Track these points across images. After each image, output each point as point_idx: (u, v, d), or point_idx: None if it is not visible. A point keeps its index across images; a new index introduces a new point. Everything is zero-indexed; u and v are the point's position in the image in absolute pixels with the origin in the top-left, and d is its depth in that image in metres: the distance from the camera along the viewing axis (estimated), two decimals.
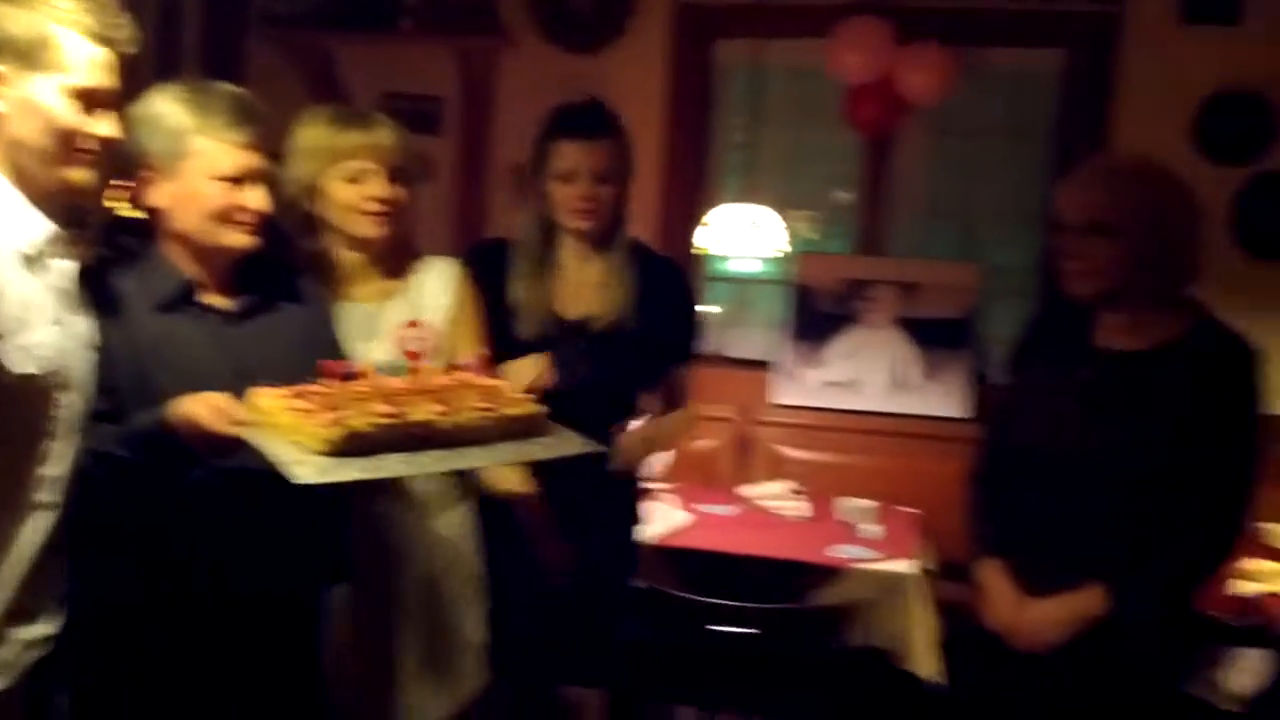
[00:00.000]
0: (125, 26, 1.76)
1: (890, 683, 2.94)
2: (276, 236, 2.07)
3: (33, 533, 1.75)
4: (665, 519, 3.24)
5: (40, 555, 1.76)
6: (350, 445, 1.73)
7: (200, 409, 1.76)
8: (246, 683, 1.97)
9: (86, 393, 1.81)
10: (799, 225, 4.29)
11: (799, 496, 3.61)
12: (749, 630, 2.79)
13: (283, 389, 1.81)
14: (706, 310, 4.42)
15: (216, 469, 1.83)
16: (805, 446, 4.14)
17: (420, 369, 1.95)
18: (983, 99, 4.22)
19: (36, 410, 1.74)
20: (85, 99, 1.72)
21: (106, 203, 2.03)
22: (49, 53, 1.68)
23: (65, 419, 1.78)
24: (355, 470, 1.72)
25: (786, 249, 4.07)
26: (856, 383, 4.20)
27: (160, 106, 1.91)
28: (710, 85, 4.34)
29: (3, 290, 1.66)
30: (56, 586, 1.81)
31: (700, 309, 2.76)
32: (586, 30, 4.29)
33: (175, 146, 1.89)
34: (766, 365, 4.30)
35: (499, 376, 2.05)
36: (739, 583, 2.95)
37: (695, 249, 3.97)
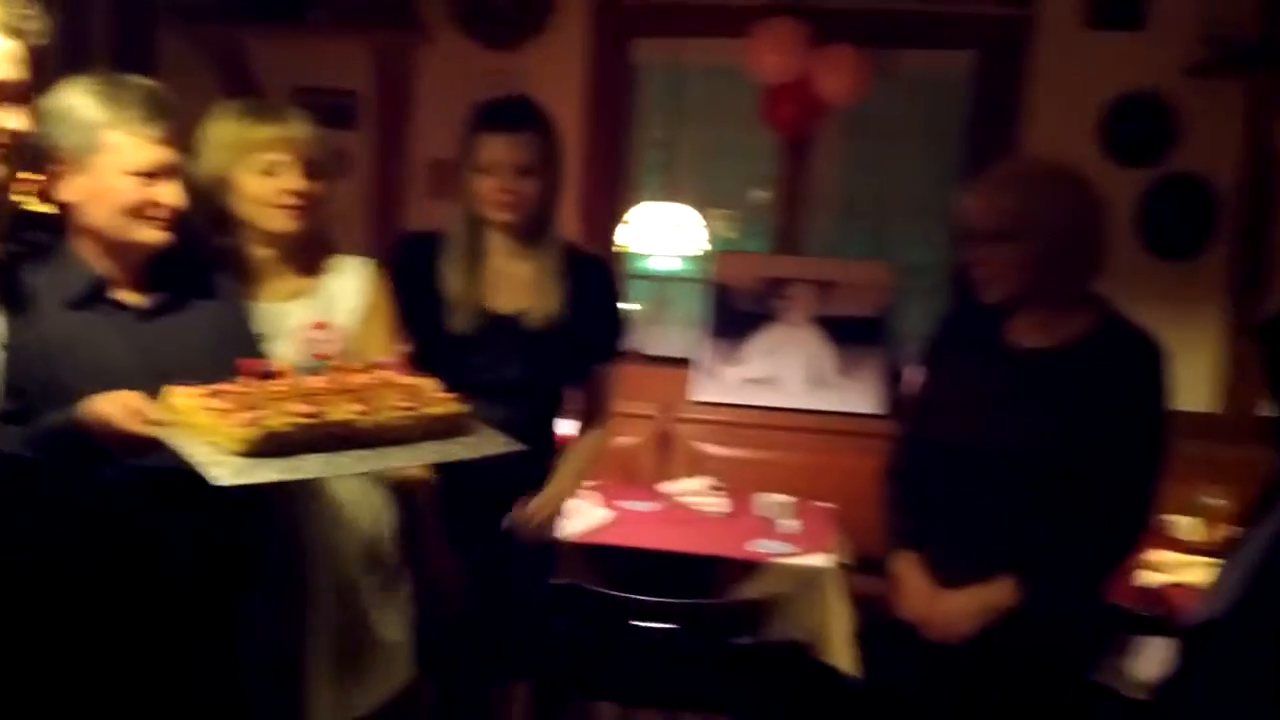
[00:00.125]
0: (35, 18, 1.72)
1: (808, 675, 2.98)
2: (191, 232, 2.04)
3: None
4: (586, 516, 3.24)
5: None
6: (268, 446, 1.71)
7: (113, 409, 1.73)
8: (161, 686, 1.93)
9: None
10: (718, 224, 4.33)
11: (718, 493, 3.63)
12: (669, 625, 2.80)
13: (198, 388, 1.78)
14: (628, 308, 4.44)
15: (130, 469, 1.79)
16: (725, 443, 4.18)
17: (341, 368, 1.93)
18: (896, 100, 4.28)
19: None
20: None
21: (15, 197, 1.98)
22: None
23: None
24: (273, 471, 1.70)
25: (706, 247, 4.10)
26: (775, 380, 4.24)
27: (71, 100, 1.87)
28: (629, 83, 4.35)
29: None
30: None
31: (625, 307, 2.75)
32: (505, 26, 4.27)
33: (87, 140, 1.85)
34: (686, 363, 4.33)
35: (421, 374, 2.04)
36: (660, 578, 2.97)
37: (616, 247, 3.98)
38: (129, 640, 1.89)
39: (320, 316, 2.20)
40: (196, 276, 2.03)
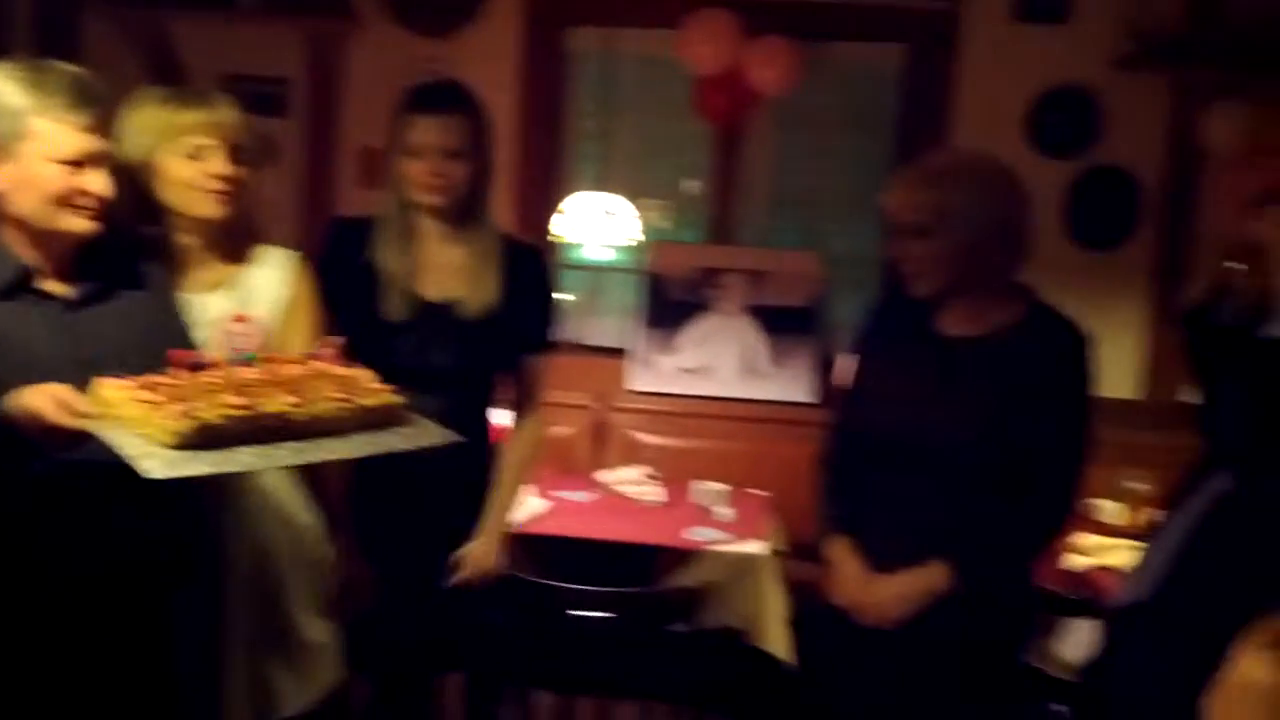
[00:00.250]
0: None
1: (744, 661, 3.01)
2: (119, 221, 2.00)
3: None
4: (522, 506, 3.24)
5: None
6: (201, 438, 1.69)
7: (41, 401, 1.70)
8: (91, 681, 1.91)
9: None
10: (652, 214, 4.34)
11: (654, 481, 3.65)
12: (606, 614, 2.81)
13: (129, 380, 1.75)
14: (563, 298, 4.43)
15: (60, 463, 1.76)
16: (660, 432, 4.19)
17: (275, 359, 1.91)
18: (828, 92, 4.32)
19: None
20: None
21: None
22: None
23: None
24: (206, 464, 1.68)
25: (640, 238, 4.11)
26: (709, 369, 4.27)
27: None
28: (563, 73, 4.35)
29: None
30: None
31: (559, 297, 2.74)
32: (437, 14, 4.24)
33: (12, 128, 1.81)
34: (622, 353, 4.34)
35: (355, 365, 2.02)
36: (596, 567, 2.97)
37: (551, 237, 3.98)
38: (60, 635, 1.86)
39: (240, 308, 2.16)
40: (125, 266, 1.99)
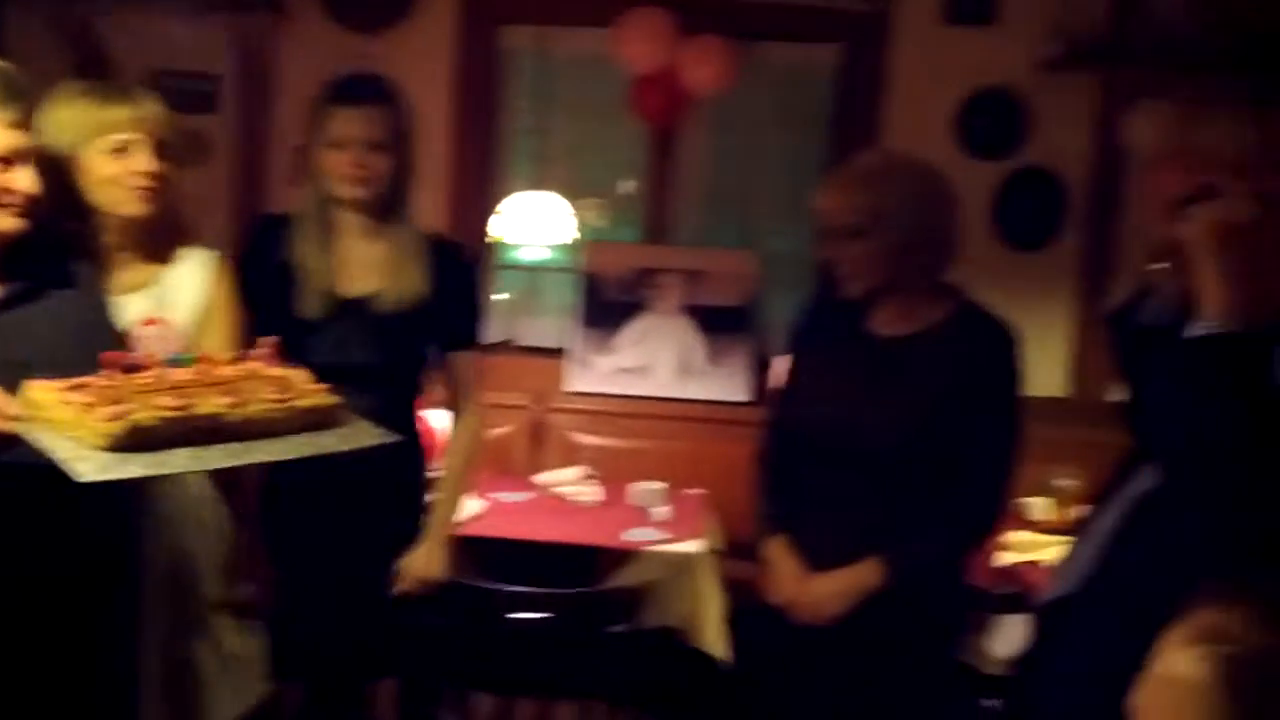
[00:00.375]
0: None
1: (682, 661, 3.02)
2: (46, 219, 1.97)
3: None
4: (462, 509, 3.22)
5: None
6: (133, 440, 1.66)
7: None
8: (18, 687, 1.87)
9: None
10: (588, 213, 4.35)
11: (592, 482, 3.65)
12: (544, 615, 2.81)
13: (59, 381, 1.72)
14: (499, 298, 4.43)
15: None
16: (597, 432, 4.19)
17: (208, 359, 1.89)
18: (762, 92, 4.34)
19: None
20: None
21: None
22: None
23: None
24: (139, 466, 1.66)
25: (576, 237, 4.11)
26: (646, 369, 4.28)
27: None
28: (498, 71, 4.33)
29: None
30: None
31: (485, 291, 2.72)
32: (370, 10, 4.21)
33: None
34: (559, 353, 4.33)
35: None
36: (534, 569, 2.97)
37: (487, 236, 3.97)
38: None
39: (158, 310, 2.13)
40: (53, 264, 1.96)
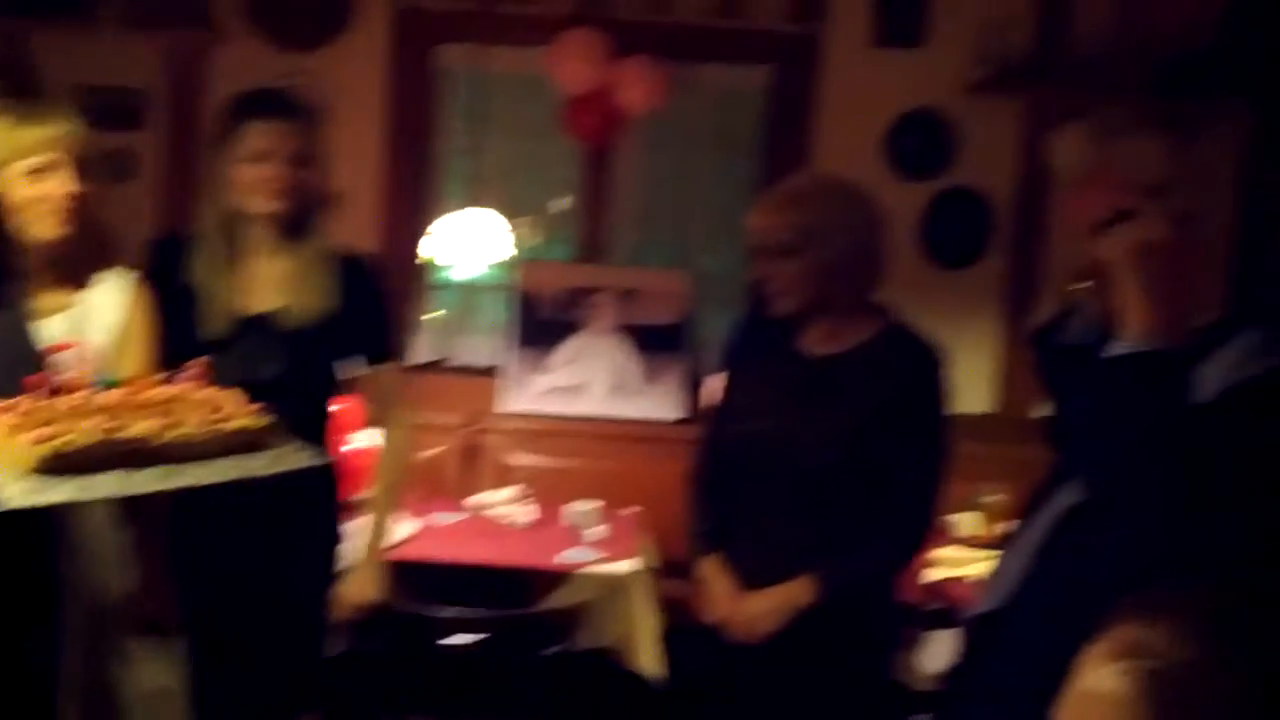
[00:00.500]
0: None
1: (617, 681, 3.02)
2: None
3: None
4: (392, 531, 3.19)
5: None
6: (61, 464, 1.64)
7: None
8: None
9: None
10: (522, 232, 4.34)
11: (526, 502, 3.63)
12: (479, 638, 2.79)
13: None
14: (432, 317, 4.40)
15: None
16: (531, 452, 4.18)
17: (138, 381, 1.87)
18: (695, 112, 4.37)
19: None
20: None
21: None
22: None
23: None
24: (67, 491, 1.64)
25: (510, 256, 4.10)
26: (580, 388, 4.28)
27: None
28: (432, 90, 4.32)
29: None
30: None
31: (399, 305, 2.66)
32: (302, 27, 4.17)
33: None
34: (492, 372, 4.31)
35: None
36: (468, 591, 2.96)
37: (420, 256, 3.95)
38: None
39: (76, 332, 2.09)
40: None
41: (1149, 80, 3.82)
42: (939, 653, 2.81)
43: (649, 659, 3.00)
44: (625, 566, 3.11)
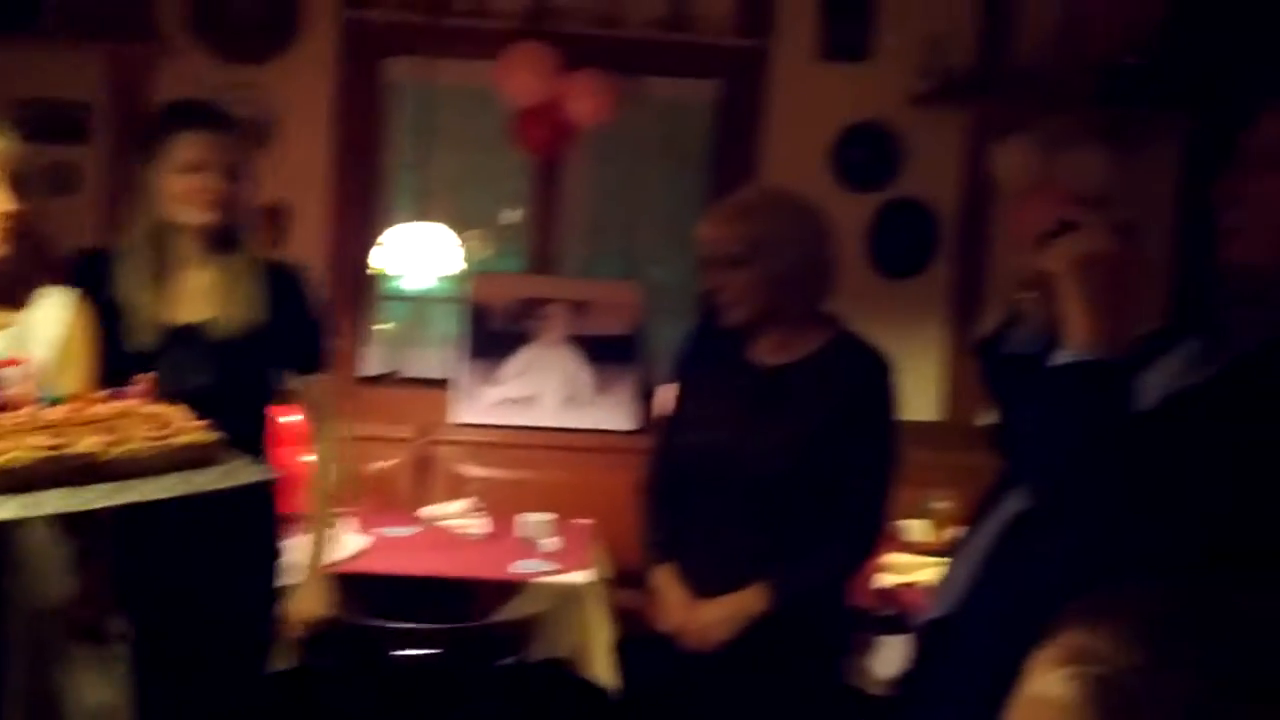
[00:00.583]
0: None
1: (571, 692, 3.02)
2: None
3: None
4: (341, 544, 3.17)
5: None
6: (6, 480, 1.62)
7: None
8: None
9: None
10: (472, 244, 4.33)
11: (479, 514, 3.62)
12: (432, 651, 2.78)
13: None
14: (383, 329, 4.38)
15: None
16: (484, 464, 4.17)
17: (83, 397, 1.85)
18: (644, 124, 4.39)
19: None
20: None
21: None
22: None
23: None
24: (12, 508, 1.62)
25: (461, 268, 4.09)
26: (532, 399, 4.28)
27: None
28: (381, 103, 4.31)
29: None
30: None
31: (330, 316, 2.61)
32: (248, 40, 4.15)
33: None
34: (444, 384, 4.30)
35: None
36: (422, 604, 2.94)
37: (370, 268, 3.93)
38: None
39: (18, 351, 2.06)
40: None
41: (1090, 92, 3.89)
42: (891, 658, 2.83)
43: (603, 669, 3.01)
44: (579, 577, 3.12)
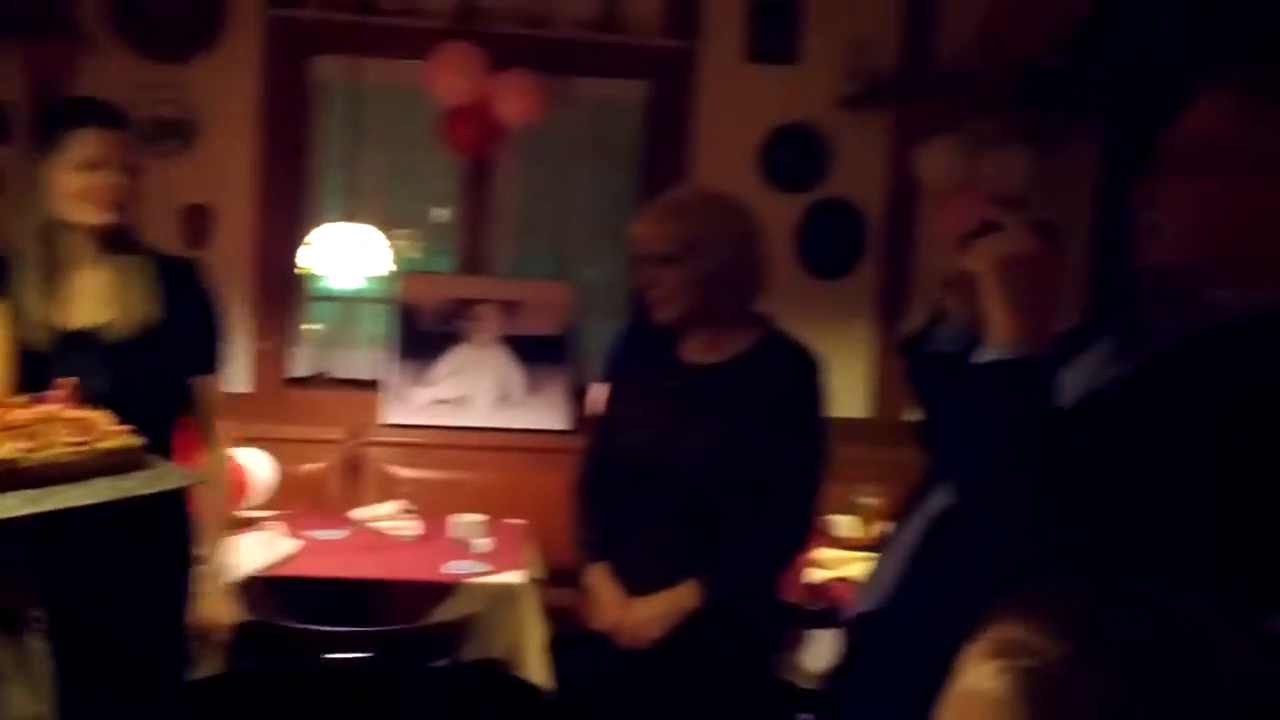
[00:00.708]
0: None
1: (506, 692, 3.02)
2: None
3: None
4: (271, 548, 3.14)
5: None
6: None
7: None
8: None
9: None
10: (402, 244, 4.31)
11: (411, 516, 3.61)
12: (365, 655, 2.76)
13: None
14: (311, 329, 4.34)
15: None
16: (415, 465, 4.15)
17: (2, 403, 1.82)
18: (574, 124, 4.40)
19: None
20: None
21: None
22: None
23: None
24: None
25: (390, 268, 4.06)
26: (464, 400, 4.27)
27: None
28: (308, 102, 4.26)
29: None
30: None
31: (227, 314, 2.53)
32: (171, 39, 4.09)
33: None
34: (374, 385, 4.27)
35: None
36: (354, 607, 2.93)
37: (298, 268, 3.89)
38: None
39: None
40: None
41: (1011, 94, 3.97)
42: (822, 652, 2.87)
43: (537, 669, 3.01)
44: (512, 577, 3.11)
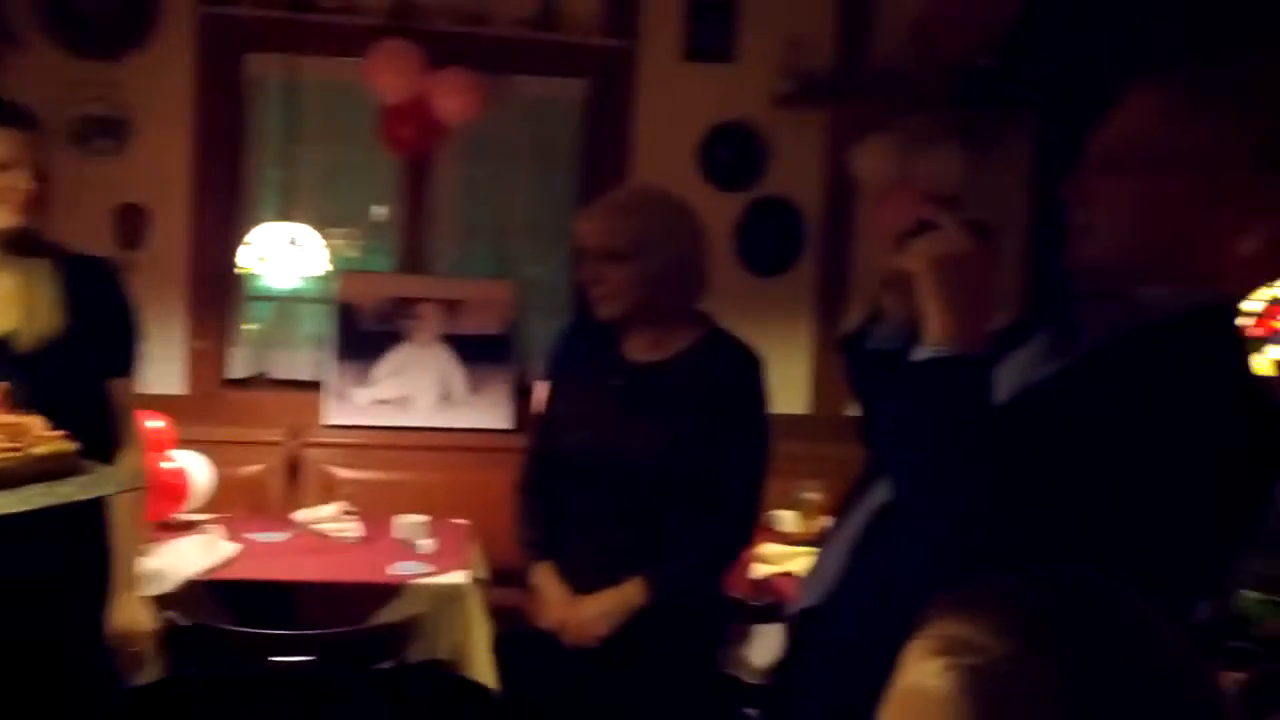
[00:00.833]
0: None
1: (452, 692, 3.01)
2: None
3: None
4: (211, 551, 3.11)
5: None
6: None
7: None
8: None
9: None
10: (340, 243, 4.28)
11: (352, 517, 3.58)
12: (308, 658, 2.75)
13: None
14: (249, 329, 4.30)
15: None
16: (357, 466, 4.13)
17: None
18: (513, 123, 4.39)
19: None
20: None
21: None
22: None
23: None
24: None
25: (328, 268, 4.03)
26: (405, 400, 4.25)
27: None
28: (243, 100, 4.22)
29: None
30: None
31: (139, 314, 2.44)
32: (101, 35, 4.02)
33: None
34: (315, 385, 4.24)
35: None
36: (296, 610, 2.91)
37: (235, 268, 3.85)
38: None
39: None
40: None
41: (944, 94, 4.02)
42: (766, 647, 2.89)
43: (483, 669, 3.01)
44: (456, 578, 3.11)
